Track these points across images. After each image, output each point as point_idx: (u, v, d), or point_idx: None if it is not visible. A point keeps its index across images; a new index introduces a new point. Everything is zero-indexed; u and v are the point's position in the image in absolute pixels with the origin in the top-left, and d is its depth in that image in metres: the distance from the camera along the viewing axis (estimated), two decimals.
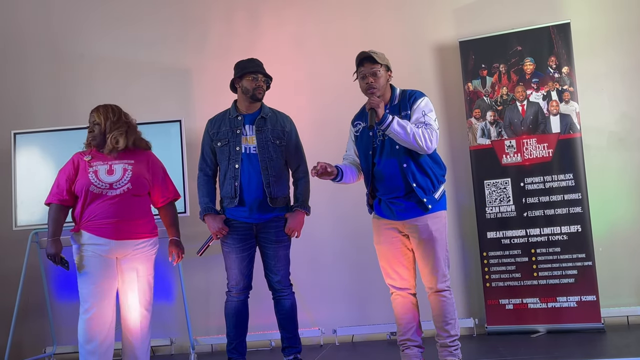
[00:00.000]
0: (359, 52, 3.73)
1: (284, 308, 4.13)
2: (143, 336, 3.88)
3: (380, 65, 3.67)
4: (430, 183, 3.65)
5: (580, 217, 5.01)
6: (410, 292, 3.76)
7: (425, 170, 3.64)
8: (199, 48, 5.99)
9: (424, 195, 3.62)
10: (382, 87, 3.69)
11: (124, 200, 3.80)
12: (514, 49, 5.24)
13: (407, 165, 3.62)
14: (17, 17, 6.25)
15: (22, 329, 5.71)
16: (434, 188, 3.67)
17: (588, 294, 4.93)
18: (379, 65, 3.67)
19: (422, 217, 3.64)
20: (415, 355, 3.74)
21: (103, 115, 3.90)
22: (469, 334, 5.22)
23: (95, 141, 3.90)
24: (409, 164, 3.62)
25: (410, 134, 3.51)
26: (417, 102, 3.67)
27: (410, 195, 3.64)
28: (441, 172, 3.74)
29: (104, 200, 3.79)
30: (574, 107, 5.08)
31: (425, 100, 3.69)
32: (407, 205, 3.64)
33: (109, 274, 3.80)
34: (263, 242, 4.10)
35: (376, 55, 3.67)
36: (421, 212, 3.63)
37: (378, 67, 3.67)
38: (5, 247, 5.82)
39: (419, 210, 3.63)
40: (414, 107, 3.65)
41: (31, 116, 6.03)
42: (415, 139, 3.51)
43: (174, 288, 5.73)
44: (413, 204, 3.64)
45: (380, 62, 3.67)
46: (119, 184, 3.83)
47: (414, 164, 3.63)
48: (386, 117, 3.52)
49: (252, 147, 4.08)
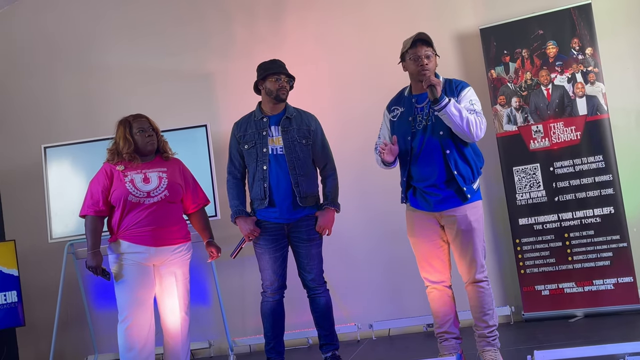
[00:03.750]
0: (415, 33, 3.65)
1: (319, 306, 4.15)
2: (184, 340, 3.94)
3: (433, 49, 3.65)
4: (470, 173, 3.60)
5: (613, 199, 4.96)
6: (445, 285, 3.74)
7: (467, 159, 3.60)
8: (221, 52, 6.03)
9: (464, 184, 3.57)
10: (432, 71, 3.64)
11: (161, 208, 3.84)
12: (536, 33, 5.19)
13: (450, 152, 3.57)
14: (42, 30, 6.34)
15: (64, 339, 5.81)
16: (473, 178, 3.62)
17: (625, 276, 4.88)
18: (431, 49, 3.64)
19: (461, 208, 3.59)
20: (453, 347, 3.73)
21: (154, 123, 4.01)
22: (506, 321, 5.19)
23: (156, 145, 3.98)
24: (452, 150, 3.57)
25: (465, 118, 3.47)
26: (465, 90, 3.64)
27: (449, 184, 3.58)
28: (480, 164, 3.69)
29: (142, 209, 3.83)
30: (600, 88, 5.03)
31: (472, 90, 3.66)
32: (445, 195, 3.59)
33: (147, 281, 3.85)
34: (295, 241, 4.12)
35: (429, 38, 3.64)
36: (459, 202, 3.58)
37: (431, 50, 3.63)
38: (43, 260, 5.93)
39: (457, 200, 3.58)
40: (462, 95, 3.61)
41: (60, 129, 6.13)
42: (469, 124, 3.47)
43: (210, 291, 5.79)
44: (451, 193, 3.58)
45: (433, 46, 3.65)
46: (156, 192, 3.87)
47: (457, 152, 3.58)
48: (443, 97, 3.48)
49: (279, 148, 4.09)
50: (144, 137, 3.93)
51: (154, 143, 3.97)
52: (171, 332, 3.92)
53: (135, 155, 3.93)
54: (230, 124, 4.32)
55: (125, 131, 3.94)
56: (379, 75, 5.54)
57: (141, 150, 3.95)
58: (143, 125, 3.96)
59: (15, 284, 5.57)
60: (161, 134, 4.08)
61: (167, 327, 3.93)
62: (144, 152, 3.95)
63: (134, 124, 3.96)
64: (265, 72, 4.14)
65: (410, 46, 3.65)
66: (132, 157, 3.92)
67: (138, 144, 3.94)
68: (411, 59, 3.65)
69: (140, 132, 3.93)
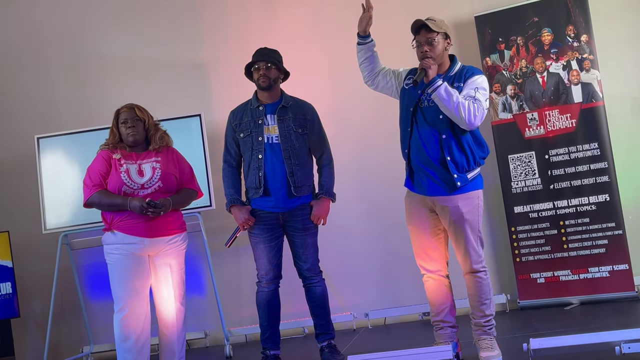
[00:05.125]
0: (414, 20, 3.62)
1: (315, 295, 4.15)
2: (179, 330, 3.92)
3: (436, 33, 3.58)
4: (465, 161, 3.56)
5: (608, 186, 4.96)
6: (441, 274, 3.73)
7: (463, 146, 3.55)
8: (215, 41, 5.99)
9: (456, 171, 3.53)
10: (439, 55, 3.59)
11: (154, 198, 3.81)
12: (531, 20, 5.18)
13: (447, 137, 3.54)
14: (33, 21, 6.28)
15: (59, 330, 5.80)
16: (468, 167, 3.57)
17: (620, 263, 4.89)
18: (434, 33, 3.57)
19: (453, 198, 3.56)
20: (449, 335, 3.73)
21: (145, 113, 3.97)
22: (501, 309, 5.19)
23: (139, 136, 3.91)
24: (448, 136, 3.54)
25: (455, 102, 3.42)
26: (474, 77, 3.57)
27: (442, 169, 3.55)
28: (482, 155, 3.64)
29: None
30: (595, 76, 5.01)
31: (482, 78, 3.59)
32: (437, 179, 3.56)
33: (142, 272, 3.83)
34: (290, 230, 4.12)
35: (434, 23, 3.58)
36: (449, 190, 3.56)
37: (434, 35, 3.57)
38: (37, 251, 5.90)
39: (447, 188, 3.56)
40: (469, 81, 3.56)
41: (53, 120, 6.08)
42: (459, 109, 3.42)
43: (205, 281, 5.78)
44: (441, 179, 3.56)
45: (436, 30, 3.57)
46: (150, 183, 3.86)
47: (454, 139, 3.55)
48: (435, 80, 3.44)
49: (274, 137, 4.08)
50: (126, 129, 3.91)
51: (137, 134, 3.91)
52: (167, 322, 3.91)
53: (122, 145, 3.92)
54: (225, 113, 4.30)
55: (113, 122, 3.96)
56: None
57: (124, 141, 3.93)
58: (127, 116, 3.92)
59: (9, 275, 5.55)
60: (156, 123, 4.05)
61: (162, 317, 3.92)
62: (127, 143, 3.93)
63: (121, 115, 3.95)
64: (249, 64, 4.15)
65: (414, 33, 3.64)
66: (119, 147, 3.91)
67: (122, 135, 3.93)
68: (415, 46, 3.64)
69: (124, 123, 3.92)
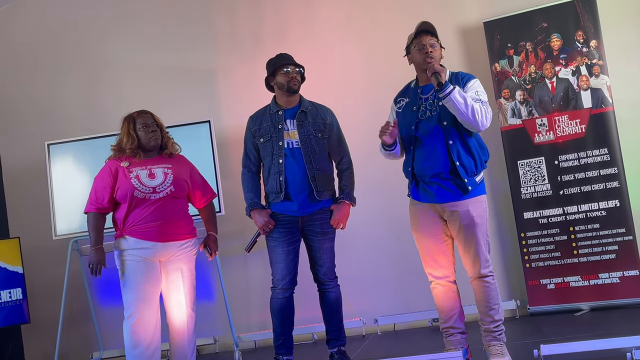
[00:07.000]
0: (419, 23, 3.65)
1: (329, 300, 4.13)
2: (190, 336, 3.93)
3: (437, 40, 3.64)
4: (473, 165, 3.57)
5: (618, 192, 4.94)
6: (449, 280, 3.72)
7: (471, 150, 3.57)
8: (225, 47, 6.01)
9: (466, 176, 3.54)
10: (438, 60, 3.63)
11: (166, 203, 3.84)
12: (540, 25, 5.17)
13: (454, 143, 3.55)
14: (44, 28, 6.33)
15: (69, 336, 5.81)
16: (476, 170, 3.59)
17: (630, 269, 4.86)
18: (436, 39, 3.63)
19: (463, 202, 3.57)
20: (459, 341, 3.72)
21: (158, 119, 4.02)
22: (511, 315, 5.18)
23: (160, 140, 3.98)
24: (455, 141, 3.55)
25: (470, 106, 3.44)
26: (471, 81, 3.62)
27: (451, 175, 3.55)
28: (484, 158, 3.66)
29: (147, 205, 3.83)
30: (605, 81, 5.00)
31: (479, 82, 3.64)
32: (447, 186, 3.56)
33: (153, 277, 3.84)
34: (308, 234, 4.10)
35: (434, 29, 3.63)
36: (460, 195, 3.56)
37: (436, 40, 3.63)
38: (47, 257, 5.92)
39: (458, 193, 3.56)
40: (468, 86, 3.59)
41: (63, 126, 6.11)
42: (474, 112, 3.44)
43: (215, 287, 5.78)
44: (452, 185, 3.56)
45: (437, 36, 3.64)
46: (162, 187, 3.87)
47: (461, 143, 3.56)
48: (447, 84, 3.46)
49: (294, 142, 4.07)
50: (148, 133, 3.93)
51: (158, 138, 3.97)
52: (177, 328, 3.91)
53: (138, 151, 3.93)
54: (234, 119, 4.32)
55: (129, 127, 3.95)
56: (384, 70, 5.52)
57: (144, 145, 3.94)
58: (147, 120, 3.96)
59: (20, 281, 5.58)
60: (166, 130, 4.08)
61: (173, 323, 3.92)
62: (147, 147, 3.95)
63: (138, 120, 3.96)
64: (273, 67, 4.13)
65: (415, 36, 3.64)
66: (135, 152, 3.92)
67: (141, 139, 3.94)
68: (416, 49, 3.64)
69: (144, 127, 3.94)
